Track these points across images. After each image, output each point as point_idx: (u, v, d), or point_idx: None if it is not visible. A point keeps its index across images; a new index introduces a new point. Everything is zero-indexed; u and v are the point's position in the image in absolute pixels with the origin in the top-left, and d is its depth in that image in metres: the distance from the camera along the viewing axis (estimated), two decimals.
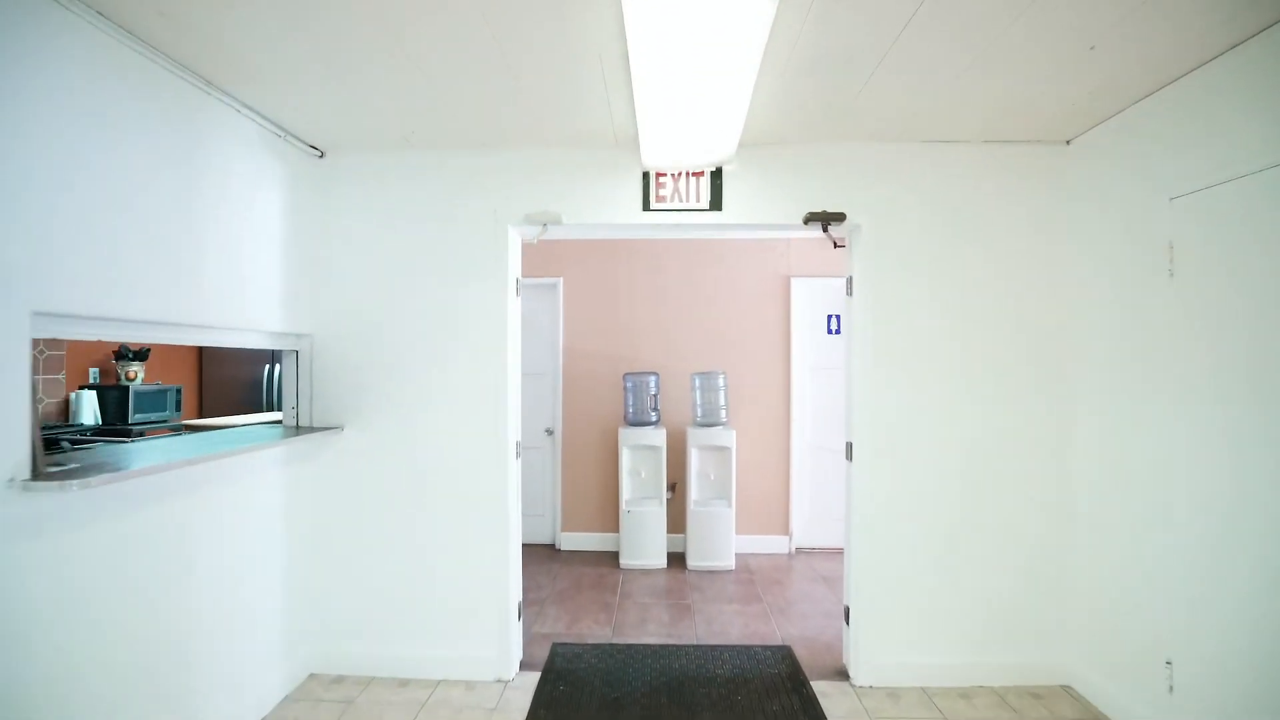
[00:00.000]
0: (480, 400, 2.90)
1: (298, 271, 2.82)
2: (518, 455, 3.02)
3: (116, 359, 5.98)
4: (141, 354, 5.90)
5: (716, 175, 2.87)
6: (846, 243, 3.03)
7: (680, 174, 2.88)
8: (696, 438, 4.52)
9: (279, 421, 3.13)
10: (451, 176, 2.93)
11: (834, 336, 4.95)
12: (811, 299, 4.97)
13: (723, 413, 4.60)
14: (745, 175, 2.88)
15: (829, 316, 4.96)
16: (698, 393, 4.63)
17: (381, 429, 2.94)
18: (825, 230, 2.89)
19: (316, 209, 2.94)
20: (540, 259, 4.98)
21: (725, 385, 4.64)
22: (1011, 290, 2.82)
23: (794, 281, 4.87)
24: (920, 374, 2.85)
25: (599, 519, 4.97)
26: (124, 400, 5.63)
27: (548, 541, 5.09)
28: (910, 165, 2.84)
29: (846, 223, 2.86)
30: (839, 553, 4.83)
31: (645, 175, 2.89)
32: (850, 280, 2.97)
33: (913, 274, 2.85)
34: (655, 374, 4.70)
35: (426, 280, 2.93)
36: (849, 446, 2.97)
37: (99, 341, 3.38)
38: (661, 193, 2.88)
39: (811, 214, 2.82)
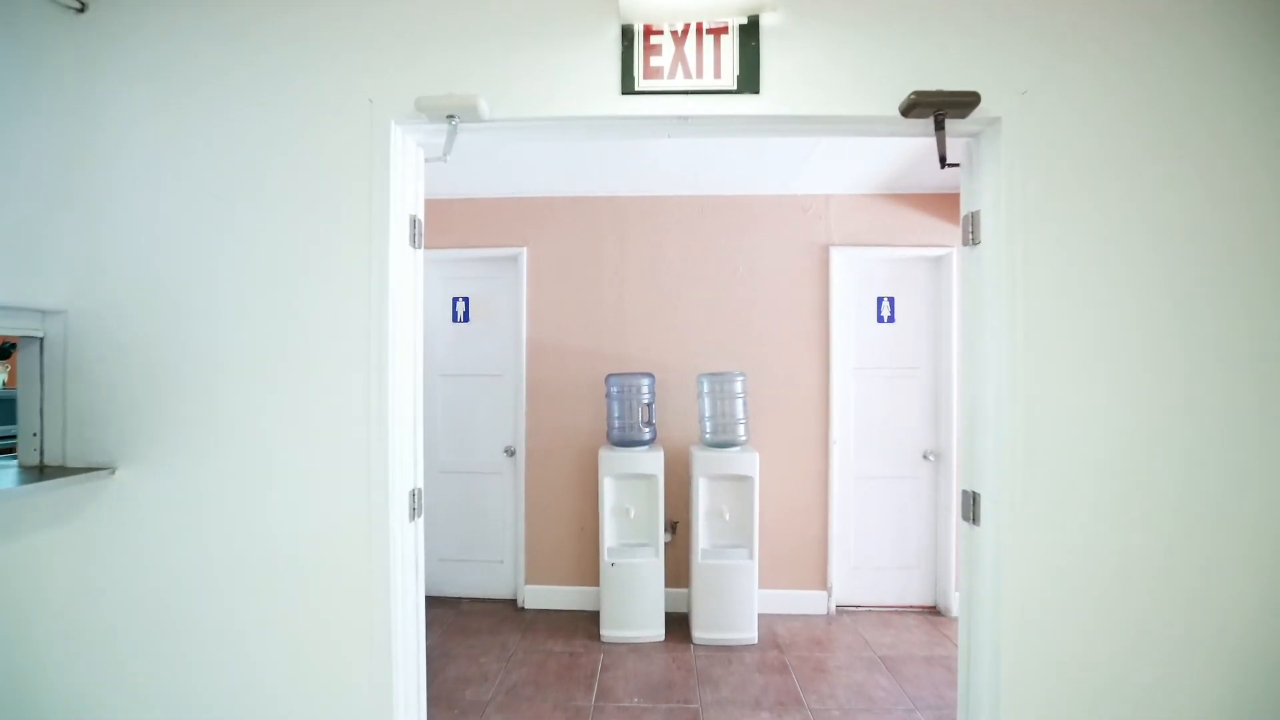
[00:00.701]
0: (342, 421, 1.69)
1: (42, 203, 1.62)
2: (415, 513, 1.81)
3: None
4: (4, 350, 4.69)
5: (749, 33, 1.66)
6: (968, 155, 1.82)
7: (686, 29, 1.66)
8: (706, 463, 3.30)
9: (12, 454, 1.90)
10: (293, 44, 1.71)
11: (886, 326, 3.74)
12: (857, 275, 3.75)
13: (741, 429, 3.38)
14: (798, 33, 1.66)
15: (879, 300, 3.74)
16: (707, 401, 3.41)
17: (178, 471, 1.73)
18: (939, 127, 1.67)
19: (74, 101, 1.73)
20: (494, 221, 3.76)
21: (744, 391, 3.43)
22: (1266, 245, 1.61)
23: (834, 253, 3.66)
24: (1103, 378, 1.64)
25: (575, 568, 3.75)
26: None
27: (507, 596, 3.87)
28: (1093, 27, 1.63)
29: (977, 113, 1.65)
30: (894, 614, 3.65)
31: (626, 32, 1.67)
32: (972, 219, 1.77)
33: (1094, 207, 1.63)
34: (649, 376, 3.48)
35: (255, 221, 1.71)
36: (971, 500, 1.76)
37: None
38: (655, 62, 1.67)
39: (920, 95, 1.60)
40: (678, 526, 3.63)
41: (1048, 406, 1.64)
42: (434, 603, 3.81)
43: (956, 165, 1.83)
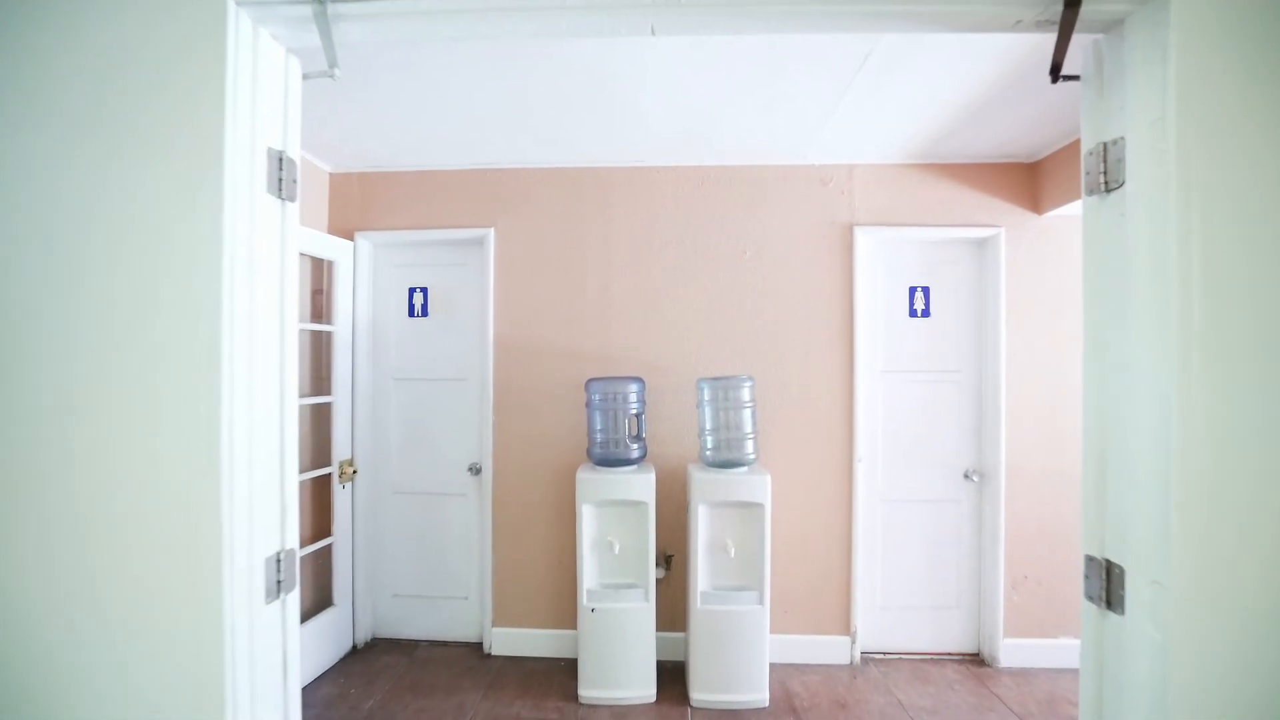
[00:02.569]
0: (154, 456, 1.10)
1: None
2: (281, 588, 1.23)
3: None
4: None
5: None
6: (1096, 60, 1.23)
7: None
8: (706, 486, 2.71)
9: None
10: None
11: (920, 321, 3.15)
12: (886, 260, 3.17)
13: (749, 445, 2.80)
14: None
15: (912, 290, 3.16)
16: (708, 411, 2.83)
17: None
18: (1072, 3, 1.09)
19: None
20: (457, 198, 3.17)
21: (753, 399, 2.84)
22: None
23: (859, 234, 3.07)
24: None
25: (552, 608, 3.16)
26: None
27: (472, 639, 3.28)
28: None
29: None
30: (930, 663, 3.02)
31: None
32: (1105, 152, 1.18)
33: None
34: (638, 381, 2.89)
35: (29, 144, 1.12)
36: (1103, 574, 1.17)
37: None
38: None
39: None
40: (673, 560, 3.05)
41: (1240, 436, 1.05)
42: (385, 647, 3.22)
43: (1074, 78, 1.25)
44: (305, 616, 2.97)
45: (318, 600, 3.10)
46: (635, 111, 2.56)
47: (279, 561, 1.24)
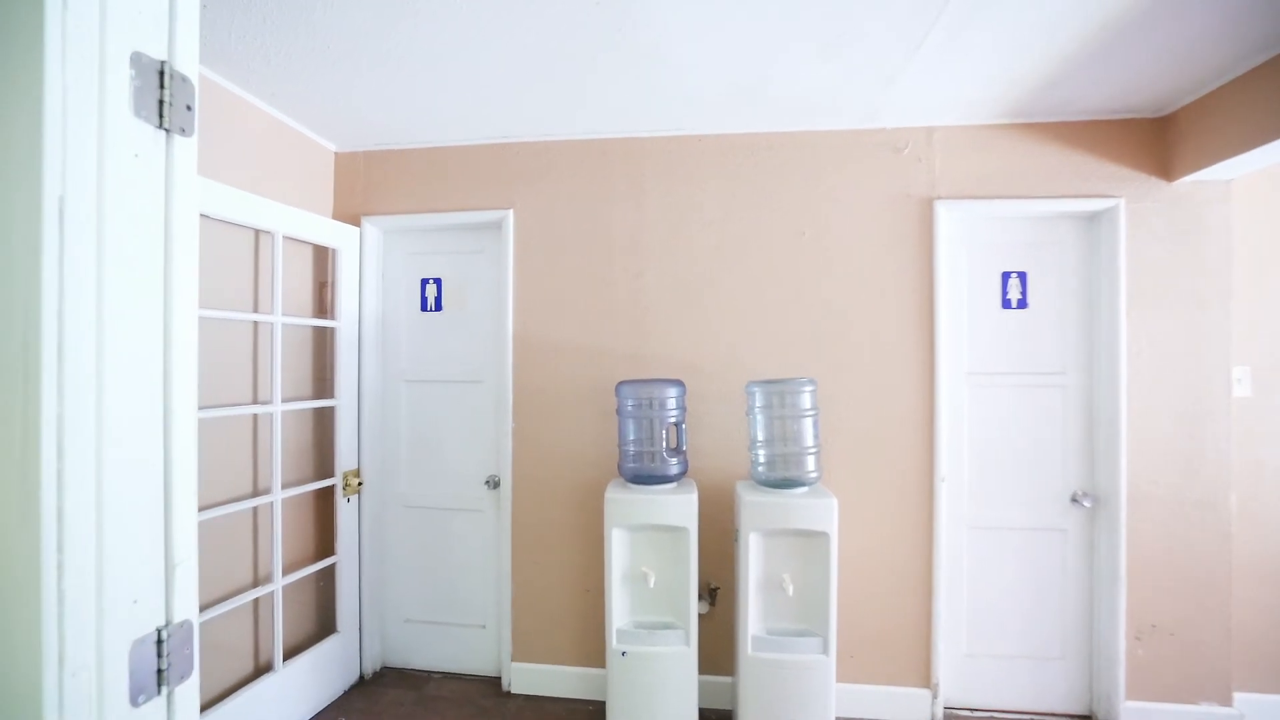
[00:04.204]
0: None
1: None
2: (162, 683, 0.86)
3: None
4: None
5: None
6: None
7: None
8: (759, 511, 2.27)
9: None
10: None
11: (1015, 314, 2.64)
12: (973, 241, 2.66)
13: (810, 461, 2.34)
14: None
15: (1005, 276, 2.64)
16: (760, 420, 2.38)
17: None
18: None
19: None
20: (471, 176, 2.81)
21: (815, 407, 2.38)
22: None
23: (941, 210, 2.58)
24: None
25: (577, 641, 2.77)
26: None
27: (489, 673, 2.91)
28: None
29: None
30: None
31: None
32: None
33: None
34: (677, 384, 2.47)
35: None
36: None
37: None
38: None
39: None
40: (718, 593, 2.61)
41: None
42: (394, 679, 2.89)
43: None
44: (307, 644, 2.65)
45: (321, 626, 2.79)
46: (672, 66, 2.14)
47: (161, 642, 0.87)
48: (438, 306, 2.93)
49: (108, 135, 0.79)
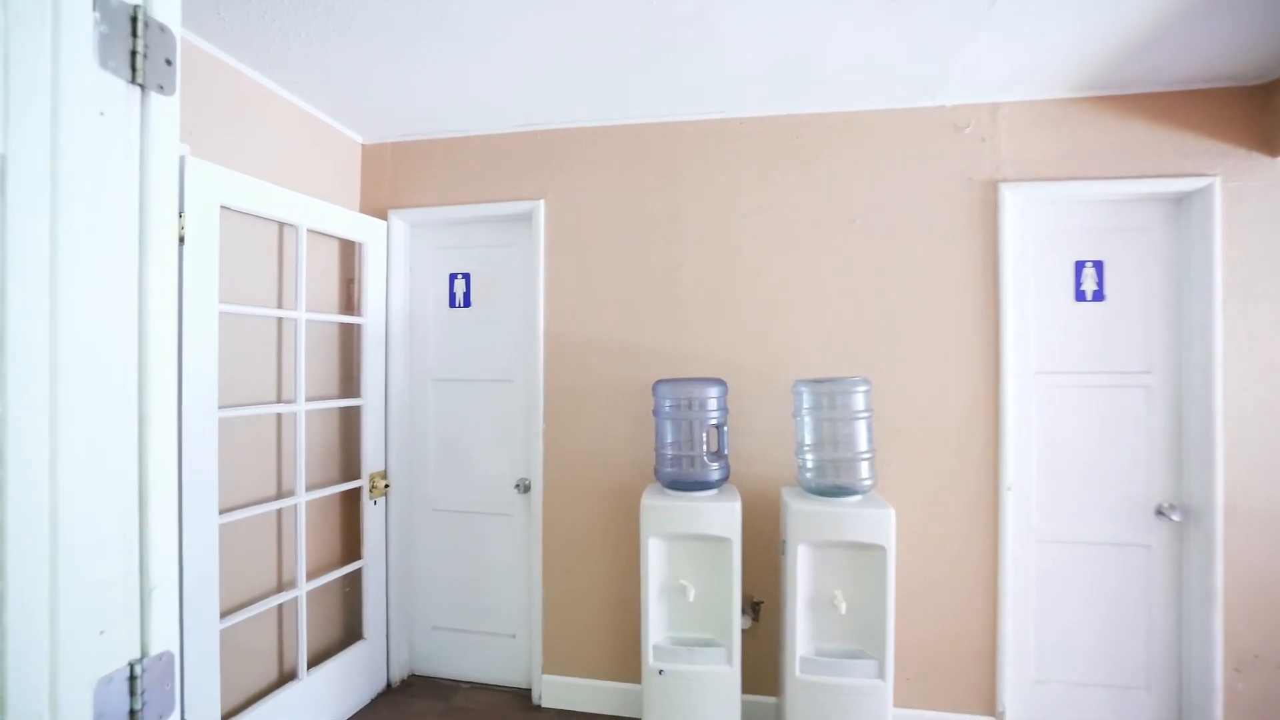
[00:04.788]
0: None
1: None
2: None
3: None
4: None
5: None
6: None
7: None
8: (808, 521, 2.09)
9: None
10: None
11: (1090, 307, 2.40)
12: (1043, 227, 2.43)
13: (864, 468, 2.15)
14: None
15: (1079, 266, 2.41)
16: (808, 423, 2.20)
17: None
18: None
19: None
20: (501, 166, 2.69)
21: (869, 408, 2.19)
22: None
23: (1006, 193, 2.35)
24: None
25: (611, 654, 2.62)
26: None
27: (519, 684, 2.79)
28: None
29: None
30: None
31: None
32: None
33: None
34: (719, 383, 2.30)
35: None
36: None
37: None
38: None
39: None
40: (761, 608, 2.44)
41: None
42: (422, 687, 2.79)
43: None
44: (333, 650, 2.57)
45: (347, 632, 2.70)
46: (715, 39, 1.98)
47: (134, 678, 0.75)
48: (466, 302, 2.83)
49: (64, 87, 0.67)
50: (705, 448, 2.24)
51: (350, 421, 2.70)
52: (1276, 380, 2.18)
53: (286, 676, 2.34)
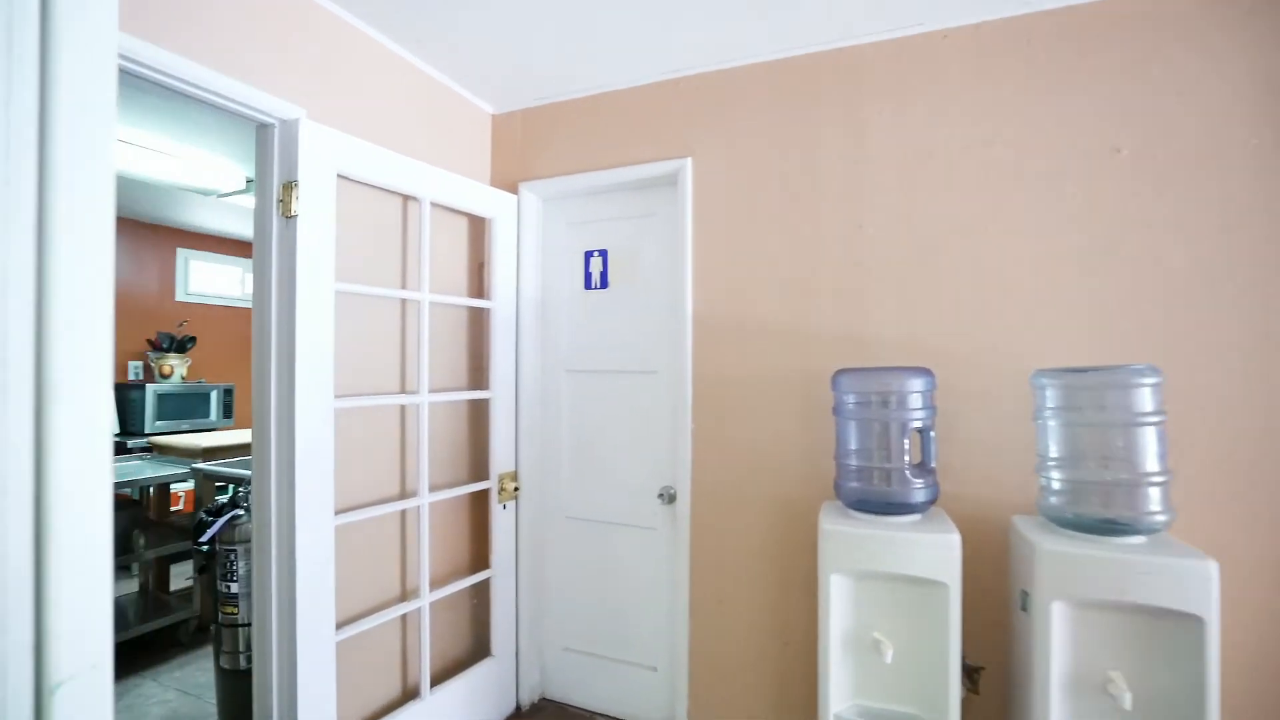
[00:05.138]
0: None
1: None
2: None
3: (152, 350, 4.68)
4: (182, 344, 4.52)
5: None
6: None
7: None
8: (1066, 570, 1.47)
9: None
10: None
11: None
12: None
13: (1153, 495, 1.49)
14: None
15: None
16: (1054, 428, 1.58)
17: None
18: None
19: None
20: (641, 123, 2.32)
21: (1159, 409, 1.52)
22: None
23: None
24: None
25: (773, 706, 2.14)
26: (143, 402, 4.24)
27: None
28: None
29: None
30: None
31: None
32: None
33: None
34: (924, 373, 1.74)
35: None
36: None
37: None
38: None
39: None
40: (979, 676, 1.83)
41: None
42: (551, 712, 2.49)
43: None
44: (460, 667, 2.34)
45: (474, 648, 2.47)
46: None
47: None
48: (603, 283, 2.49)
49: None
50: (905, 459, 1.70)
51: (479, 416, 2.46)
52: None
53: (409, 694, 2.13)
